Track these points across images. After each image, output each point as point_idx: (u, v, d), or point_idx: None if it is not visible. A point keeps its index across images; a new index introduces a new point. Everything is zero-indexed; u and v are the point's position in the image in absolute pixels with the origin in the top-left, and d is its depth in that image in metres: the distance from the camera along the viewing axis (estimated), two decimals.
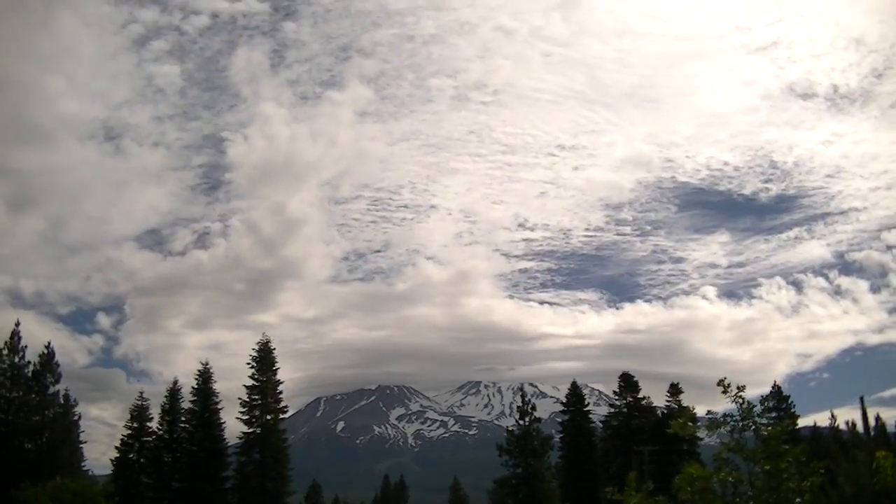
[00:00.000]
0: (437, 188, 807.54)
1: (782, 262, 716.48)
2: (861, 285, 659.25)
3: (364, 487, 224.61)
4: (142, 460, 53.35)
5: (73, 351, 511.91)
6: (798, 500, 10.74)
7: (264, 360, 55.56)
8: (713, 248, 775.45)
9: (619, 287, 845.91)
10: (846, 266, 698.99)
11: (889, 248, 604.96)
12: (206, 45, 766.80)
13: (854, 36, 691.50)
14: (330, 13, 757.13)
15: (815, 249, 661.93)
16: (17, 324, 47.62)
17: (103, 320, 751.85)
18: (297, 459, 64.56)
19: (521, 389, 67.51)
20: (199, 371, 55.96)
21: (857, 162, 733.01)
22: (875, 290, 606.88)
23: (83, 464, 51.11)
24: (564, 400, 66.63)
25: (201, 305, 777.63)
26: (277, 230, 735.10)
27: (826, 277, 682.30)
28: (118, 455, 52.70)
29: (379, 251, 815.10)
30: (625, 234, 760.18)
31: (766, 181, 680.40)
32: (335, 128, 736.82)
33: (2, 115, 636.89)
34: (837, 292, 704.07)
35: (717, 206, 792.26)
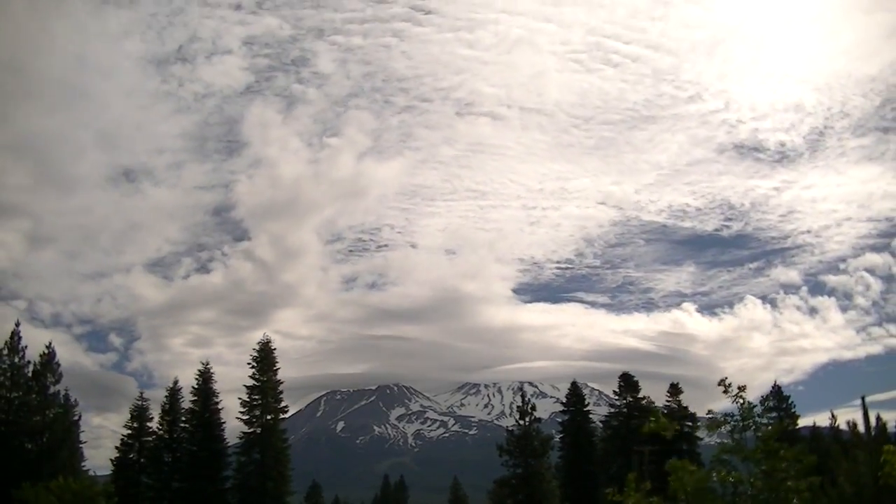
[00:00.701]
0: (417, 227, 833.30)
1: (747, 289, 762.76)
2: (828, 306, 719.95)
3: (364, 487, 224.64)
4: (142, 460, 53.35)
5: (88, 365, 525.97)
6: (797, 500, 10.75)
7: (264, 359, 55.54)
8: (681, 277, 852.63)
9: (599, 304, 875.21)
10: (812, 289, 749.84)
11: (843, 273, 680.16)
12: (221, 104, 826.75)
13: (793, 101, 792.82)
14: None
15: (780, 276, 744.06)
16: (17, 324, 47.65)
17: (115, 339, 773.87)
18: (298, 459, 64.56)
19: (521, 389, 67.51)
20: (199, 371, 56.01)
21: (807, 204, 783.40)
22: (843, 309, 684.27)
23: (83, 464, 51.06)
24: (564, 400, 66.68)
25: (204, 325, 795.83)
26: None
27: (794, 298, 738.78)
28: (118, 455, 52.73)
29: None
30: (595, 267, 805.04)
31: (727, 220, 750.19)
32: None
33: (33, 162, 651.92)
34: (807, 312, 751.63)
35: (682, 241, 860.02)
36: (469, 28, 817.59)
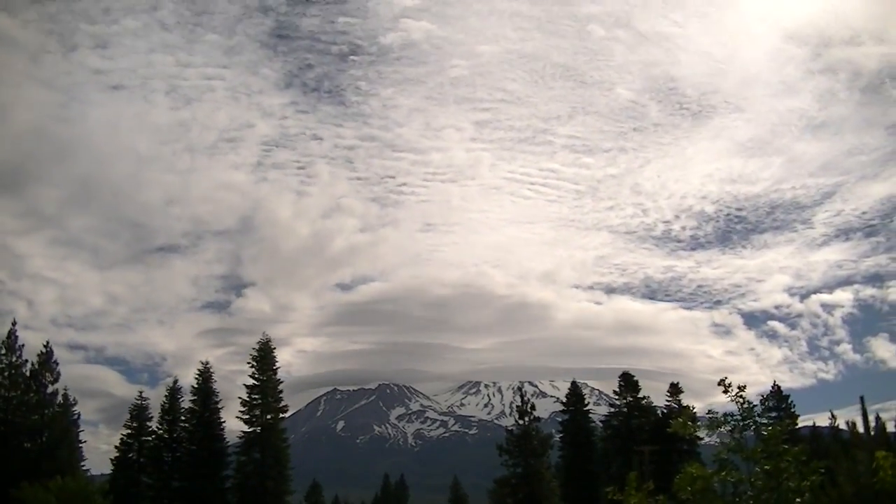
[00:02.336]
0: None
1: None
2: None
3: (364, 487, 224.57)
4: (142, 460, 53.28)
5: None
6: (798, 499, 10.68)
7: (264, 359, 55.46)
8: None
9: None
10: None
11: None
12: None
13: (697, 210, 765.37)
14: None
15: None
16: (14, 323, 47.74)
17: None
18: (297, 459, 64.45)
19: (521, 389, 67.40)
20: (199, 370, 55.95)
21: None
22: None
23: (82, 463, 51.04)
24: (564, 399, 66.62)
25: None
26: None
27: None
28: (118, 454, 52.65)
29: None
30: None
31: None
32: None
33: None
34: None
35: None
36: None
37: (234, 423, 55.62)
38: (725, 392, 11.62)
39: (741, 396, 11.58)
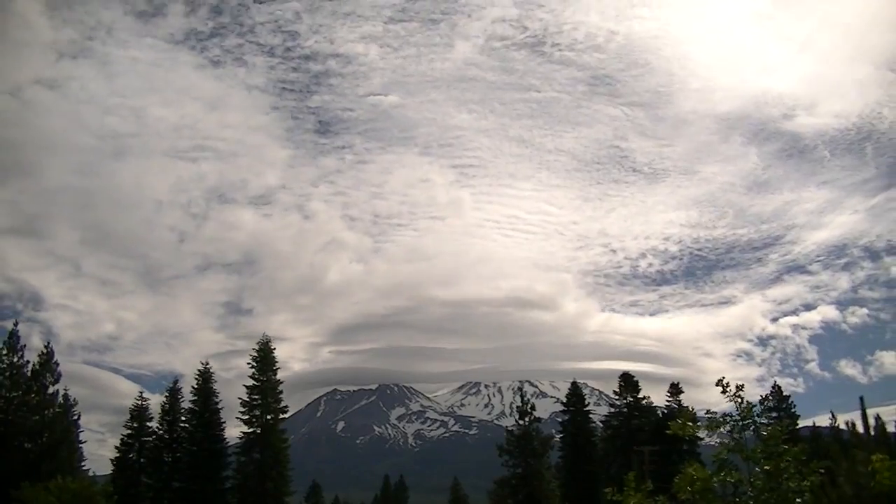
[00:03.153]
0: None
1: None
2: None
3: (364, 488, 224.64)
4: (142, 460, 53.32)
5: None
6: (798, 500, 10.70)
7: (264, 359, 55.47)
8: None
9: None
10: None
11: None
12: None
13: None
14: None
15: None
16: (16, 323, 47.69)
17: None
18: (298, 459, 64.49)
19: (521, 389, 67.36)
20: (199, 371, 55.94)
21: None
22: None
23: (82, 464, 51.07)
24: (565, 400, 66.62)
25: None
26: None
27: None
28: (118, 455, 52.67)
29: None
30: None
31: None
32: None
33: None
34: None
35: None
36: None
37: (234, 424, 55.80)
38: (723, 392, 11.64)
39: (739, 396, 11.60)
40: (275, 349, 56.47)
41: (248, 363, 55.25)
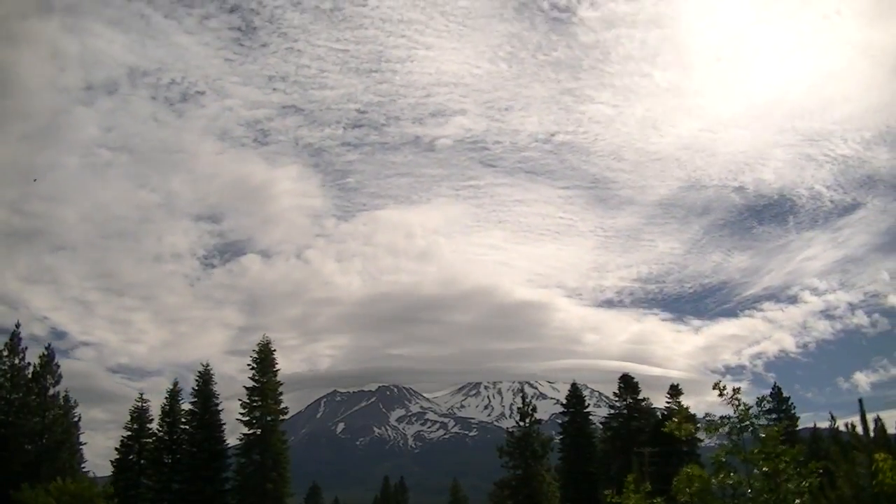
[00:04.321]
0: None
1: None
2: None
3: (364, 489, 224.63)
4: (142, 462, 53.23)
5: None
6: (797, 501, 10.72)
7: (264, 360, 55.46)
8: None
9: None
10: None
11: None
12: None
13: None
14: None
15: None
16: (17, 325, 47.72)
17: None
18: (297, 461, 64.49)
19: (522, 391, 67.37)
20: (199, 372, 55.93)
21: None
22: None
23: (83, 465, 51.06)
24: (565, 401, 66.60)
25: None
26: None
27: None
28: (118, 456, 52.62)
29: None
30: None
31: None
32: None
33: None
34: None
35: None
36: None
37: (234, 425, 55.78)
38: (720, 395, 11.67)
39: (737, 399, 11.62)
40: (274, 350, 56.55)
41: (248, 364, 55.37)
